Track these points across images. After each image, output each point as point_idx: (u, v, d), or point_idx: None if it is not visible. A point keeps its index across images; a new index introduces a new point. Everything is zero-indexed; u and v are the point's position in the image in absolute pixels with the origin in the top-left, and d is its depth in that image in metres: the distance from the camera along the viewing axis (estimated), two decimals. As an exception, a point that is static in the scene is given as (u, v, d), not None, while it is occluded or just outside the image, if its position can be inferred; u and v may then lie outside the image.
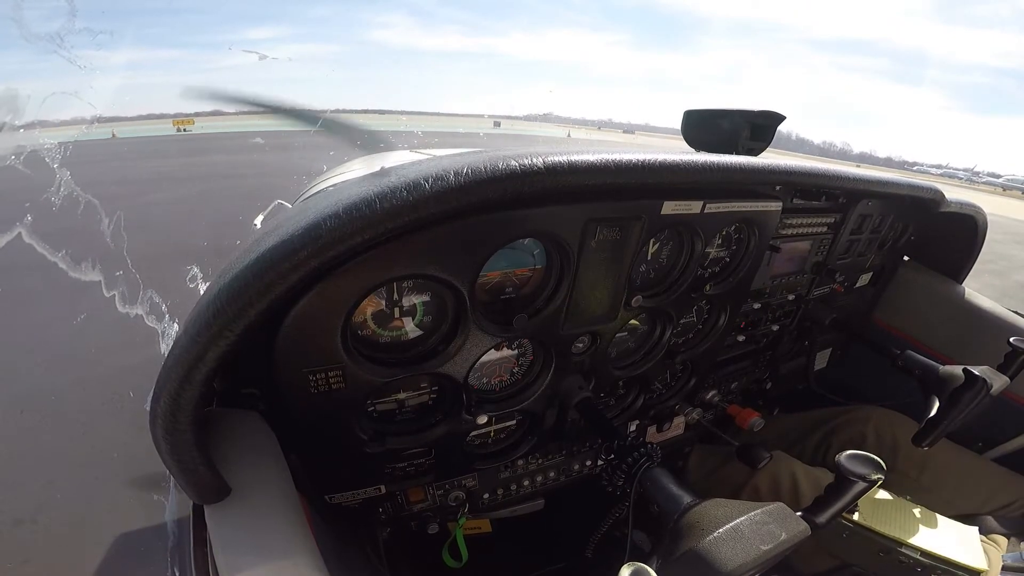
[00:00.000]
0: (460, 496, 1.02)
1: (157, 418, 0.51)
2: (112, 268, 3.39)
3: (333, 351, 0.65)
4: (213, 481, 0.56)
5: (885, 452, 1.25)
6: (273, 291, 0.49)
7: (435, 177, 0.53)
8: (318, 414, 0.71)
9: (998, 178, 49.22)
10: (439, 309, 0.75)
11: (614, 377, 1.01)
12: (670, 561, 0.55)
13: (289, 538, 0.55)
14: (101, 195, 4.62)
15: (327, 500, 0.87)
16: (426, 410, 0.85)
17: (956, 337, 1.40)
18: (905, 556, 0.87)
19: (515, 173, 0.56)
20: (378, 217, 0.51)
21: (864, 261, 1.37)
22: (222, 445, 0.61)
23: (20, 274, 4.01)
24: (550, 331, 0.83)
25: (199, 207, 7.38)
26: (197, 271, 3.22)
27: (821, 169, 0.92)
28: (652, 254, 0.92)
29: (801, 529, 0.58)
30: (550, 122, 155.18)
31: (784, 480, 1.17)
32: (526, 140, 25.85)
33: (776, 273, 1.18)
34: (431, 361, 0.74)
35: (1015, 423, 1.26)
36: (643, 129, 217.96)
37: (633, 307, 0.89)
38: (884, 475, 0.64)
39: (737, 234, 1.00)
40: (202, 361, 0.49)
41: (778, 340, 1.37)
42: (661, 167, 0.66)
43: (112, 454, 2.13)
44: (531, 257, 0.78)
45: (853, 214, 1.17)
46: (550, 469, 1.13)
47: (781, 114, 1.15)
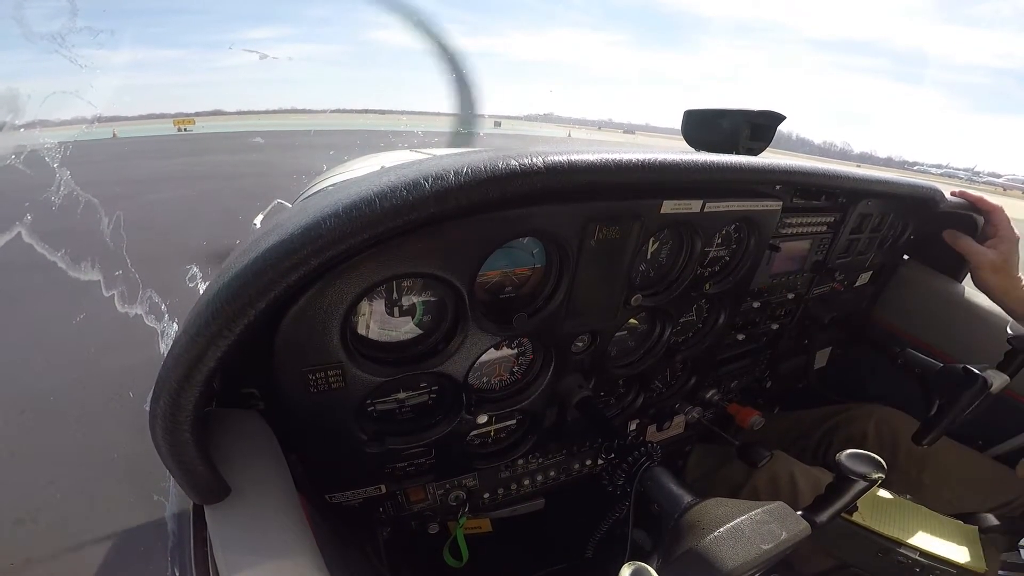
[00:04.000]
0: (460, 496, 1.02)
1: (157, 418, 0.50)
2: (112, 268, 3.40)
3: (332, 350, 0.65)
4: (213, 481, 0.56)
5: (885, 450, 1.25)
6: (272, 290, 0.49)
7: (435, 176, 0.53)
8: (318, 414, 0.71)
9: (999, 178, 49.24)
10: (439, 308, 0.75)
11: (614, 376, 1.01)
12: (671, 560, 0.55)
13: (289, 538, 0.55)
14: (101, 195, 4.62)
15: (327, 500, 0.87)
16: (426, 410, 0.85)
17: (956, 335, 1.40)
18: (904, 556, 0.87)
19: (515, 172, 0.56)
20: (378, 216, 0.51)
21: (864, 260, 1.37)
22: (222, 445, 0.61)
23: (19, 273, 4.02)
24: (550, 330, 0.83)
25: (199, 207, 7.38)
26: (197, 271, 3.23)
27: (821, 169, 0.92)
28: (652, 253, 0.92)
29: (802, 528, 0.58)
30: (550, 122, 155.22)
31: (784, 479, 1.17)
32: (526, 140, 25.83)
33: (776, 272, 1.18)
34: (431, 360, 0.74)
35: (1015, 421, 1.26)
36: (643, 129, 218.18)
37: (633, 306, 0.89)
38: (884, 474, 0.64)
39: (737, 233, 1.00)
40: (202, 361, 0.49)
41: (778, 339, 1.37)
42: (661, 166, 0.66)
43: (112, 454, 2.13)
44: (531, 256, 0.78)
45: (853, 213, 1.17)
46: (550, 468, 1.13)
47: (781, 114, 1.15)
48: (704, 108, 1.21)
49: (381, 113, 45.23)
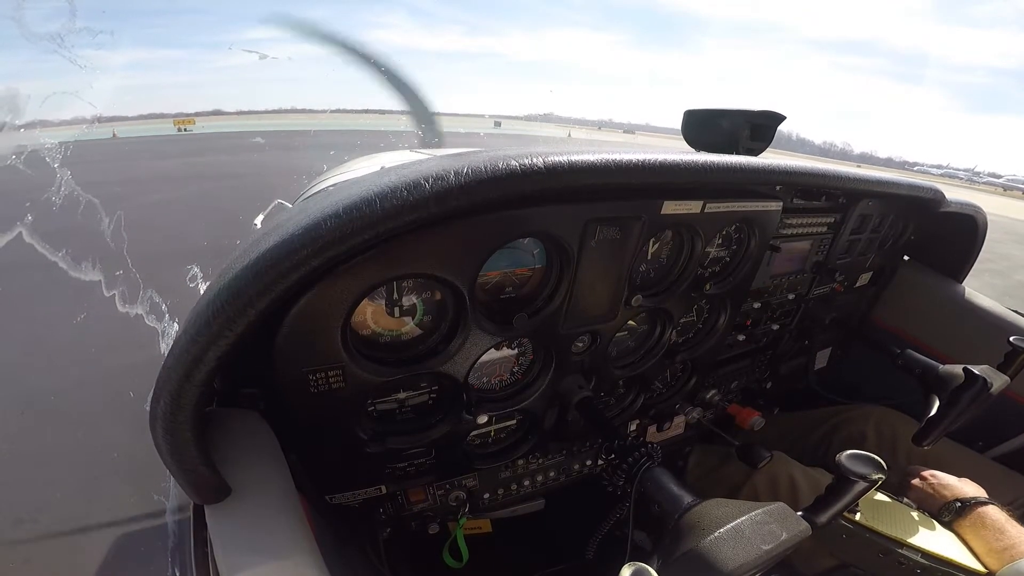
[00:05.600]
0: (460, 496, 1.02)
1: (157, 418, 0.50)
2: (112, 268, 3.40)
3: (333, 350, 0.65)
4: (213, 481, 0.56)
5: (885, 451, 1.25)
6: (273, 291, 0.49)
7: (435, 177, 0.53)
8: (318, 414, 0.71)
9: (999, 178, 49.24)
10: (439, 308, 0.75)
11: (614, 376, 1.01)
12: (671, 561, 0.55)
13: (289, 538, 0.55)
14: (102, 195, 4.62)
15: (327, 500, 0.87)
16: (426, 410, 0.85)
17: (956, 336, 1.40)
18: (905, 557, 0.87)
19: (515, 173, 0.56)
20: (378, 217, 0.51)
21: (864, 261, 1.37)
22: (222, 445, 0.61)
23: (20, 274, 4.02)
24: (550, 330, 0.83)
25: (199, 207, 7.39)
26: (197, 271, 3.23)
27: (821, 169, 0.92)
28: (652, 254, 0.92)
29: (802, 529, 0.58)
30: (550, 122, 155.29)
31: (784, 480, 1.17)
32: (527, 140, 25.85)
33: (776, 273, 1.18)
34: (431, 360, 0.74)
35: (1015, 422, 1.26)
36: (643, 129, 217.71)
37: (633, 306, 0.88)
38: (885, 475, 0.64)
39: (737, 234, 1.00)
40: (202, 361, 0.49)
41: (778, 339, 1.37)
42: (661, 167, 0.66)
43: (112, 454, 2.13)
44: (531, 257, 0.78)
45: (853, 214, 1.17)
46: (550, 469, 1.13)
47: (781, 114, 1.15)
48: (704, 108, 1.21)
49: (381, 113, 45.33)
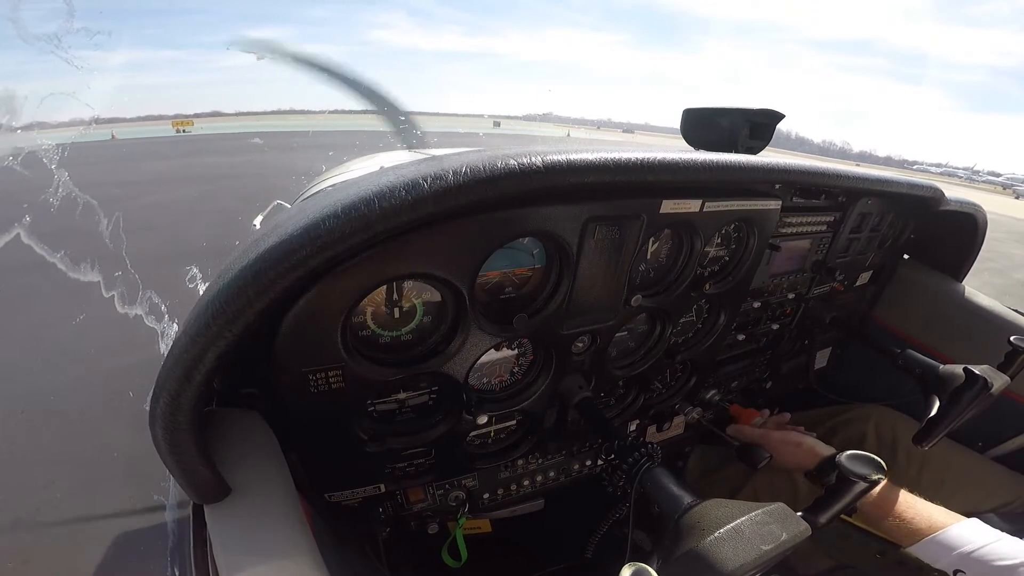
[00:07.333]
0: (460, 496, 1.02)
1: (157, 418, 0.50)
2: (111, 269, 3.40)
3: (333, 351, 0.65)
4: (213, 481, 0.56)
5: (885, 451, 1.25)
6: (272, 291, 0.49)
7: (434, 176, 0.53)
8: (318, 414, 0.71)
9: (998, 177, 49.27)
10: (439, 309, 0.75)
11: (614, 377, 1.01)
12: (671, 561, 0.55)
13: (289, 537, 0.55)
14: (100, 196, 4.62)
15: (326, 499, 0.87)
16: (426, 410, 0.85)
17: (956, 336, 1.40)
18: (904, 557, 0.87)
19: (514, 172, 0.56)
20: (377, 217, 0.51)
21: (864, 260, 1.37)
22: (222, 445, 0.61)
23: (19, 275, 4.02)
24: (550, 330, 0.83)
25: (199, 208, 7.39)
26: (196, 271, 3.23)
27: (820, 168, 0.92)
28: (651, 253, 0.92)
29: (802, 529, 0.58)
30: (550, 122, 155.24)
31: (784, 480, 1.17)
32: (526, 140, 25.87)
33: (776, 272, 1.18)
34: (431, 361, 0.74)
35: (1016, 422, 1.26)
36: (643, 129, 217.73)
37: (633, 306, 0.88)
38: (884, 475, 0.64)
39: (736, 233, 1.00)
40: (202, 361, 0.49)
41: (778, 339, 1.37)
42: (660, 166, 0.66)
43: (112, 454, 2.13)
44: (530, 257, 0.78)
45: (853, 213, 1.17)
46: (550, 469, 1.13)
47: (780, 112, 1.15)
48: (703, 107, 1.21)
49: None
